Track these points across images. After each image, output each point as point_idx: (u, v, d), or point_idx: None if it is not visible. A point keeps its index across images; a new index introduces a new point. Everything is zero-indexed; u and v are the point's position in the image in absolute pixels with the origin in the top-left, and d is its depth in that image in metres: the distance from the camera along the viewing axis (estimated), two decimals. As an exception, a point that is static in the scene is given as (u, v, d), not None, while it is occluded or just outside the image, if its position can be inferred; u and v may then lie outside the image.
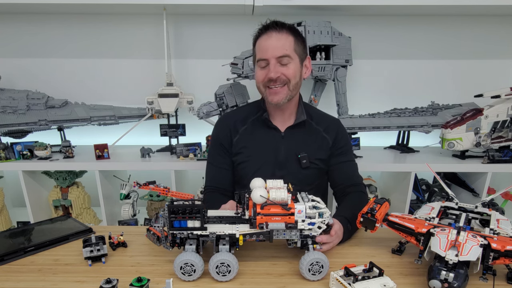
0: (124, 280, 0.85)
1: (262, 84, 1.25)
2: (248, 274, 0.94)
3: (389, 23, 2.07)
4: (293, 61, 1.21)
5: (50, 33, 2.06)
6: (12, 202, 2.24)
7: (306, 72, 1.30)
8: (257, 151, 1.31)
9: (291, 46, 1.20)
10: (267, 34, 1.20)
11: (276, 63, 1.20)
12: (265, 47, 1.20)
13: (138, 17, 2.04)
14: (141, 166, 1.86)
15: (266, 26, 1.22)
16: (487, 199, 1.16)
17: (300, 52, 1.24)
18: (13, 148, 1.86)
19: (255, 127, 1.34)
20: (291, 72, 1.21)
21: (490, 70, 2.14)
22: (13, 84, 2.03)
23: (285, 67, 1.20)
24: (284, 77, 1.21)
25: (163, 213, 0.91)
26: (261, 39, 1.22)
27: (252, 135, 1.33)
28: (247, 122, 1.34)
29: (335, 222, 1.05)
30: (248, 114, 1.36)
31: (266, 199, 0.88)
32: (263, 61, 1.21)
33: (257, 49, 1.25)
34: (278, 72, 1.20)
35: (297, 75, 1.24)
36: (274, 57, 1.19)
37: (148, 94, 1.92)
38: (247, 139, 1.32)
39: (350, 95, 2.00)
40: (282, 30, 1.20)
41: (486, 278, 0.89)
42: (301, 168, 1.29)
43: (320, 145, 1.33)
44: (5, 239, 1.13)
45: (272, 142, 1.31)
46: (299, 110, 1.33)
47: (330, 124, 1.37)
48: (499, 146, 1.88)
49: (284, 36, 1.19)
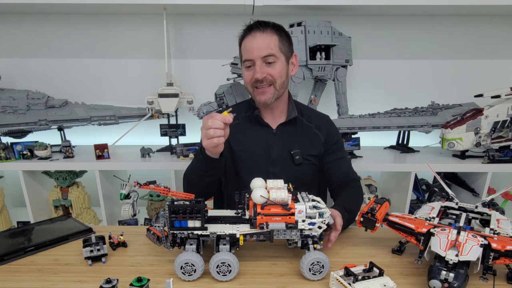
0: (124, 280, 0.85)
1: (250, 85, 1.26)
2: (248, 274, 0.94)
3: (389, 23, 2.07)
4: (278, 60, 1.21)
5: (50, 33, 2.06)
6: (12, 202, 2.24)
7: (293, 69, 1.30)
8: (250, 148, 1.31)
9: (276, 45, 1.20)
10: (251, 35, 1.21)
11: (261, 63, 1.20)
12: (250, 47, 1.20)
13: (138, 17, 2.04)
14: (141, 166, 1.86)
15: (250, 27, 1.23)
16: (487, 199, 1.16)
17: (285, 50, 1.24)
18: (13, 148, 1.86)
19: (247, 123, 1.34)
20: (277, 71, 1.21)
21: (490, 70, 2.14)
22: (13, 84, 2.03)
23: (271, 67, 1.21)
24: (270, 77, 1.21)
25: (164, 213, 0.91)
26: (246, 39, 1.23)
27: (244, 131, 1.32)
28: (239, 118, 1.33)
29: (336, 215, 1.05)
30: (240, 110, 1.35)
31: (266, 199, 0.88)
32: (249, 61, 1.22)
33: (243, 50, 1.25)
34: (264, 73, 1.20)
35: (283, 74, 1.24)
36: (259, 57, 1.19)
37: (148, 94, 1.92)
38: (239, 134, 1.31)
39: (350, 95, 2.00)
40: (266, 29, 1.20)
41: (486, 278, 0.89)
42: (294, 165, 1.29)
43: (312, 141, 1.33)
44: (5, 239, 1.13)
45: (264, 139, 1.31)
46: (289, 108, 1.34)
47: (321, 121, 1.38)
48: (499, 146, 1.88)
49: (268, 35, 1.20)
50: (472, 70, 2.15)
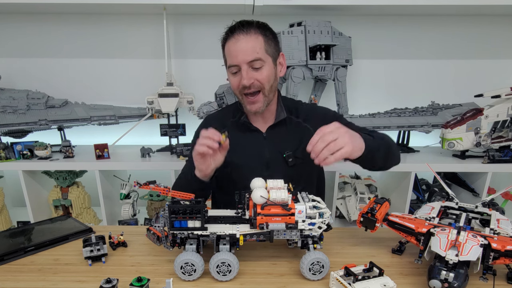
0: (124, 280, 0.85)
1: (238, 91, 1.20)
2: (248, 274, 0.94)
3: (389, 23, 2.07)
4: (265, 63, 1.15)
5: (50, 33, 2.06)
6: (12, 202, 2.24)
7: (281, 70, 1.24)
8: (242, 155, 1.24)
9: (262, 47, 1.13)
10: (234, 38, 1.13)
11: (248, 68, 1.13)
12: (234, 52, 1.13)
13: (138, 17, 2.04)
14: (141, 166, 1.86)
15: (232, 28, 1.15)
16: (487, 199, 1.16)
17: (272, 51, 1.17)
18: (13, 148, 1.86)
19: (236, 130, 1.28)
20: (265, 76, 1.15)
21: (490, 70, 2.14)
22: (13, 84, 2.03)
23: (258, 72, 1.14)
24: (258, 82, 1.15)
25: (164, 213, 0.91)
26: (229, 43, 1.15)
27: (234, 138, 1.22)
28: (226, 125, 1.28)
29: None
30: (227, 115, 1.31)
31: (266, 199, 0.88)
32: (234, 67, 1.15)
33: (227, 54, 1.18)
34: (251, 78, 1.14)
35: (271, 78, 1.18)
36: (245, 62, 1.12)
37: (148, 94, 1.92)
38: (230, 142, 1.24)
39: (350, 95, 2.00)
40: (249, 30, 1.12)
41: (486, 278, 0.89)
42: (288, 167, 1.25)
43: (303, 137, 1.23)
44: (5, 239, 1.13)
45: (255, 144, 1.26)
46: (278, 109, 1.28)
47: (308, 111, 1.31)
48: (499, 146, 1.88)
49: (253, 37, 1.12)
50: (472, 70, 2.15)
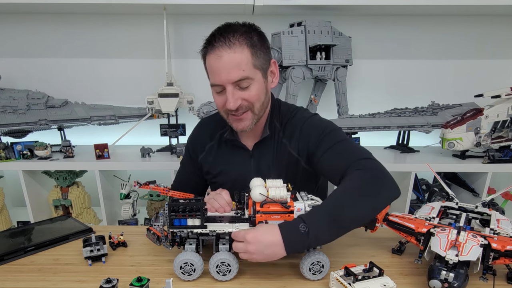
0: (124, 280, 0.85)
1: (223, 111, 1.07)
2: (248, 274, 0.94)
3: (389, 23, 2.07)
4: (254, 80, 0.99)
5: (50, 33, 2.06)
6: (12, 202, 2.24)
7: (273, 81, 1.09)
8: (226, 171, 1.18)
9: (249, 62, 0.97)
10: (215, 53, 0.97)
11: (233, 89, 0.99)
12: (217, 70, 0.98)
13: (138, 17, 2.04)
14: (141, 166, 1.86)
15: (211, 40, 0.99)
16: (487, 199, 1.16)
17: (261, 63, 1.01)
18: (13, 147, 1.86)
19: (222, 144, 1.19)
20: (254, 95, 1.00)
21: (490, 70, 2.14)
22: (13, 84, 2.03)
23: (246, 91, 1.00)
24: (246, 102, 1.01)
25: (163, 212, 0.91)
26: (210, 58, 0.99)
27: (219, 154, 1.19)
28: (214, 138, 1.20)
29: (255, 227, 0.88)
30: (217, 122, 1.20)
31: (265, 197, 0.88)
32: (218, 86, 1.01)
33: (208, 70, 1.03)
34: (238, 100, 1.00)
35: (261, 95, 1.03)
36: (229, 83, 0.98)
37: (148, 94, 1.92)
38: (214, 158, 1.20)
39: (350, 95, 2.00)
40: (233, 42, 0.96)
41: (486, 278, 0.89)
42: None
43: (287, 160, 1.13)
44: (5, 239, 1.13)
45: (241, 162, 1.16)
46: (266, 124, 1.13)
47: (294, 128, 1.12)
48: (499, 146, 1.88)
49: (238, 51, 0.95)
50: (472, 70, 2.15)
